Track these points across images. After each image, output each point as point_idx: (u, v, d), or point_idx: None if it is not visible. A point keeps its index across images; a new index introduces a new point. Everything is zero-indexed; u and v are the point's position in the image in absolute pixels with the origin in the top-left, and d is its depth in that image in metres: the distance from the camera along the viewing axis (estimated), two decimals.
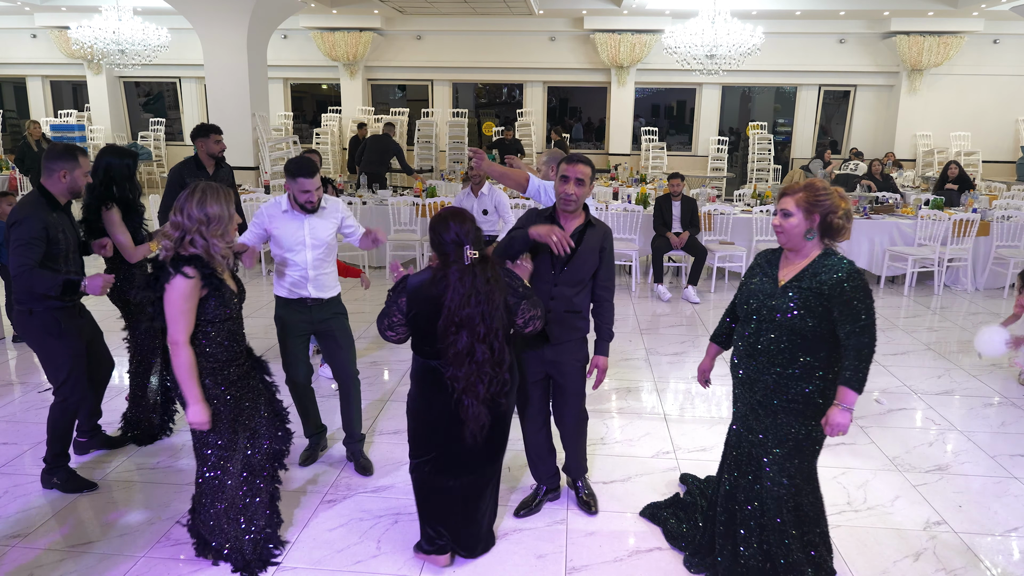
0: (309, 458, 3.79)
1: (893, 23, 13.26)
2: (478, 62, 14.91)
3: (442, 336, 2.61)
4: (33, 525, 3.16)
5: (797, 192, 2.51)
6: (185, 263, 2.53)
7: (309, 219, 3.45)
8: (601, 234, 3.10)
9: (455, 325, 2.59)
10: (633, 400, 4.71)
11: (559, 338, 3.11)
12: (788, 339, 2.50)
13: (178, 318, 2.53)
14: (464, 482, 2.84)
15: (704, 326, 6.45)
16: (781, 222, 2.53)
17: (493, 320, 2.62)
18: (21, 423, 4.19)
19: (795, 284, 2.50)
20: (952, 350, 5.86)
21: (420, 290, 2.65)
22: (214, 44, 10.24)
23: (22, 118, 16.66)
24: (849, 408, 2.42)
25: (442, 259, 2.65)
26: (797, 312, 2.47)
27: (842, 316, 2.42)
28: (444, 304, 2.59)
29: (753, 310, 2.60)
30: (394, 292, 2.71)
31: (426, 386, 2.76)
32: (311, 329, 3.60)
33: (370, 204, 8.50)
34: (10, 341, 5.69)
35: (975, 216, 7.73)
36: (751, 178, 14.40)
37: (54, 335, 3.33)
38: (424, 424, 2.81)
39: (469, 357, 2.62)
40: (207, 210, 2.57)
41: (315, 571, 2.89)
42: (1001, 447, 4.09)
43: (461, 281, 2.59)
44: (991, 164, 14.20)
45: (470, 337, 2.60)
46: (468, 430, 2.68)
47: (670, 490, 3.56)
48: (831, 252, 2.52)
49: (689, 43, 10.46)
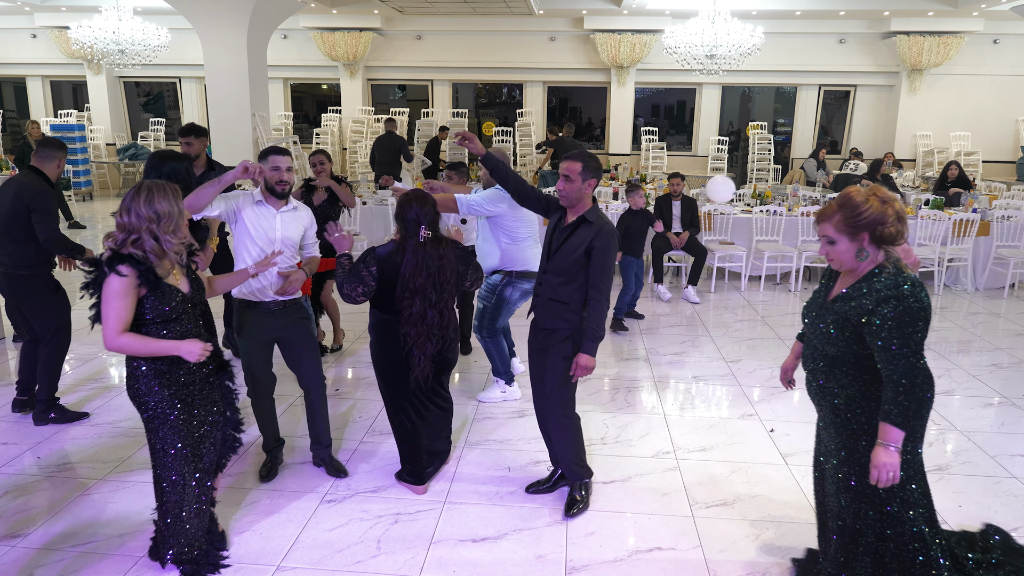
0: (270, 473, 3.57)
1: (893, 23, 13.26)
2: (478, 62, 14.92)
3: (399, 300, 3.16)
4: (33, 525, 3.16)
5: (834, 215, 2.28)
6: (120, 261, 2.48)
7: (281, 215, 3.38)
8: (593, 232, 3.09)
9: (409, 292, 3.13)
10: (633, 400, 4.71)
11: (543, 323, 3.22)
12: (829, 358, 2.37)
13: (110, 315, 2.48)
14: (427, 409, 3.44)
15: (704, 326, 6.45)
16: (827, 251, 2.32)
17: (443, 290, 3.21)
18: (21, 423, 4.19)
19: (836, 304, 2.34)
20: (952, 350, 5.86)
21: (387, 259, 3.19)
22: (214, 44, 10.24)
23: (22, 118, 16.67)
24: (892, 446, 2.16)
25: (402, 234, 3.20)
26: (835, 333, 2.31)
27: (873, 345, 2.21)
28: (400, 273, 3.13)
29: (808, 322, 2.49)
30: (363, 262, 3.20)
31: (381, 335, 3.31)
32: (274, 336, 3.45)
33: (370, 204, 8.50)
34: (10, 341, 5.69)
35: (975, 216, 7.72)
36: (751, 178, 14.40)
37: (51, 292, 4.14)
38: (384, 365, 3.35)
39: (421, 319, 3.16)
40: (156, 207, 2.50)
41: (315, 571, 2.89)
42: (1001, 447, 4.09)
43: (415, 254, 3.15)
44: (991, 164, 14.21)
45: (422, 303, 3.15)
46: (412, 376, 3.25)
47: (670, 490, 3.56)
48: (882, 269, 2.25)
49: (689, 43, 10.46)
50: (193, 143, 4.96)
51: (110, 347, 2.50)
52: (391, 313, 3.24)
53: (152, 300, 2.55)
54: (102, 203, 13.53)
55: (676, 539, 3.15)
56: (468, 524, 3.23)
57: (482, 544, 3.09)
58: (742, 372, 5.26)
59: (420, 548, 3.04)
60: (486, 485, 3.57)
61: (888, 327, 2.16)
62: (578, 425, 3.37)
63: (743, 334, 6.22)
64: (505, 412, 4.45)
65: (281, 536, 3.11)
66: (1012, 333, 6.33)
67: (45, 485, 3.51)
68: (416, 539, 3.10)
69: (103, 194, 14.53)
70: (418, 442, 3.45)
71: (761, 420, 4.41)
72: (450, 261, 3.23)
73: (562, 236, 3.17)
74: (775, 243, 7.95)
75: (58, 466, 3.70)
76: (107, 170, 15.10)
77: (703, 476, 3.70)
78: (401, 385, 3.34)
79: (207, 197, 3.18)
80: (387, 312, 3.26)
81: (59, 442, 3.96)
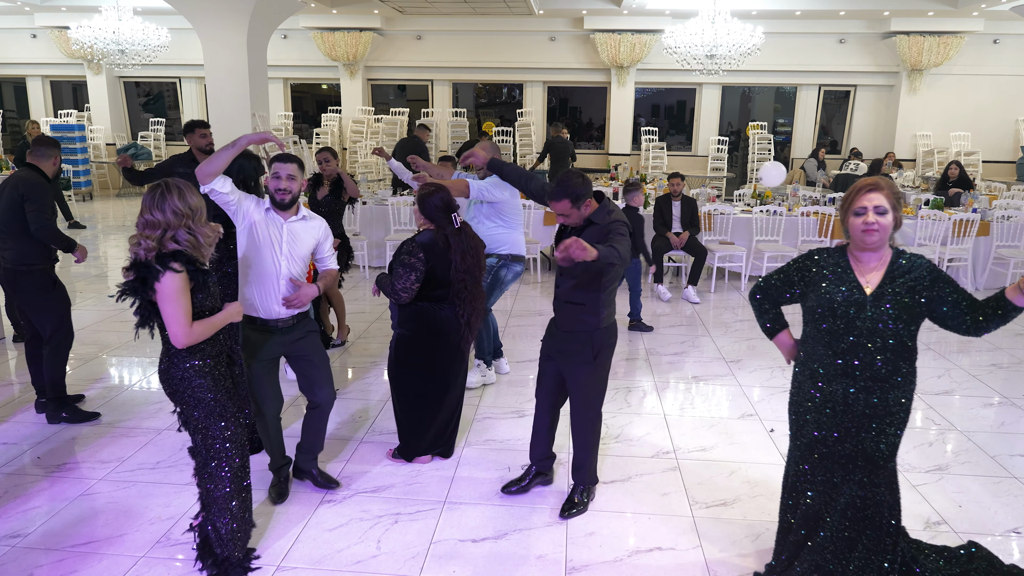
0: (281, 494, 3.37)
1: (893, 23, 13.26)
2: (478, 62, 14.91)
3: (455, 287, 3.48)
4: (33, 525, 3.16)
5: (884, 188, 2.34)
6: (171, 259, 2.50)
7: (288, 225, 3.18)
8: (600, 234, 3.00)
9: (462, 274, 3.47)
10: (633, 400, 4.71)
11: (563, 325, 3.23)
12: (891, 351, 2.35)
13: (177, 313, 2.49)
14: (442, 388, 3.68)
15: (704, 326, 6.45)
16: (878, 220, 2.31)
17: (480, 269, 3.58)
18: (21, 423, 4.19)
19: (887, 288, 2.35)
20: (952, 350, 5.86)
21: (431, 245, 3.42)
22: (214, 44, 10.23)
23: (22, 118, 16.66)
24: None
25: (437, 222, 3.45)
26: (897, 320, 2.33)
27: (953, 291, 2.32)
28: (450, 259, 3.43)
29: (843, 325, 2.39)
30: (408, 252, 3.39)
31: (422, 324, 3.55)
32: (282, 351, 3.28)
33: (370, 204, 8.50)
34: (10, 341, 5.69)
35: (975, 216, 7.72)
36: (751, 178, 14.40)
37: (49, 288, 4.15)
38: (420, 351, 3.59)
39: (473, 298, 3.53)
40: (190, 202, 2.56)
41: (315, 571, 2.89)
42: (1001, 447, 4.09)
43: (456, 240, 3.45)
44: (991, 164, 14.20)
45: (472, 284, 3.51)
46: (461, 349, 3.63)
47: (670, 490, 3.56)
48: (903, 250, 2.43)
49: (689, 43, 10.46)
50: (207, 135, 5.32)
51: (186, 342, 2.54)
52: (434, 300, 3.53)
53: (200, 295, 2.59)
54: (102, 203, 13.53)
55: (676, 539, 3.15)
56: (468, 524, 3.23)
57: (482, 544, 3.09)
58: (742, 372, 5.26)
59: (420, 548, 3.04)
60: (486, 485, 3.57)
61: (954, 285, 2.34)
62: (600, 429, 3.38)
63: (743, 334, 6.22)
64: (505, 412, 4.45)
65: (281, 536, 3.11)
66: (1012, 333, 6.33)
67: (45, 485, 3.51)
68: (416, 539, 3.10)
69: (103, 194, 14.53)
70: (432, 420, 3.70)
71: (761, 420, 4.41)
72: (478, 243, 3.62)
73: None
74: (775, 243, 7.95)
75: (58, 466, 3.70)
76: (107, 170, 15.10)
77: (703, 476, 3.70)
78: (438, 365, 3.62)
79: (221, 161, 2.99)
80: (429, 299, 3.53)
81: (59, 442, 3.96)
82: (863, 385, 2.40)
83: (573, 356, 3.20)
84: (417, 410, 3.68)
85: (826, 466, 2.51)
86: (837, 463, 2.49)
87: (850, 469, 2.47)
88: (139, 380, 4.92)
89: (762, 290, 2.71)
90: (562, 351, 3.24)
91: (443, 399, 3.70)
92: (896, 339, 2.35)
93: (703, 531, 3.21)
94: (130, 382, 4.88)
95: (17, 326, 5.74)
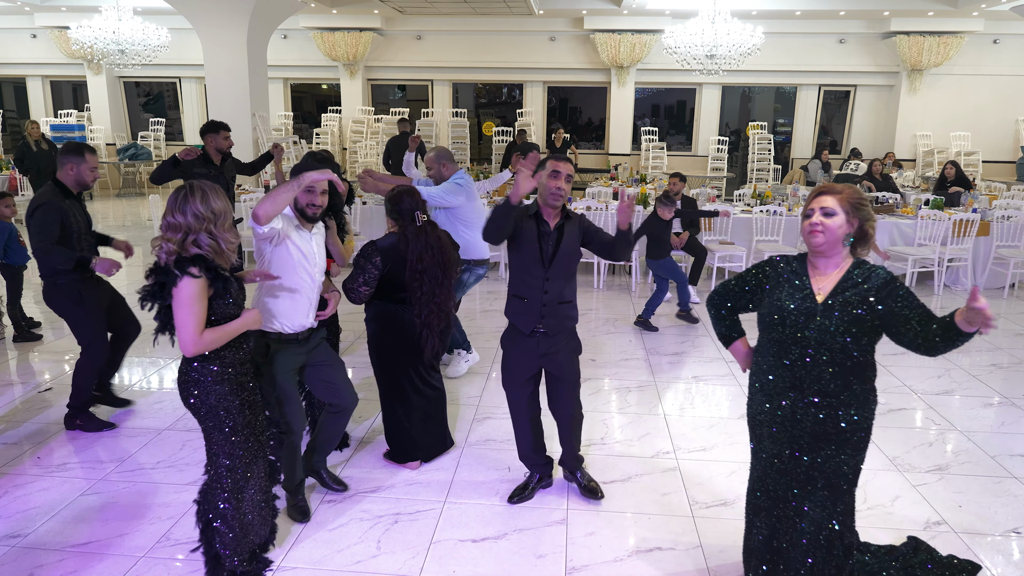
0: (305, 513, 3.25)
1: (893, 23, 13.27)
2: (478, 62, 14.92)
3: (409, 284, 3.42)
4: (33, 525, 3.16)
5: (840, 191, 2.27)
6: (190, 263, 2.44)
7: (314, 237, 3.11)
8: (576, 224, 3.20)
9: (418, 273, 3.41)
10: (633, 400, 4.71)
11: (554, 329, 3.19)
12: (838, 364, 2.25)
13: (189, 320, 2.41)
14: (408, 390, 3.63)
15: (704, 326, 6.45)
16: (822, 220, 2.25)
17: (446, 270, 3.48)
18: (21, 423, 4.19)
19: (838, 297, 2.26)
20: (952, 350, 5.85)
21: (391, 249, 3.41)
22: (214, 44, 10.24)
23: (22, 118, 16.67)
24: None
25: (400, 224, 3.46)
26: (847, 332, 2.23)
27: (905, 307, 2.20)
28: (407, 259, 3.38)
29: (793, 334, 2.29)
30: (365, 257, 3.39)
31: (384, 323, 3.54)
32: (303, 361, 3.19)
33: (370, 204, 8.50)
34: (10, 341, 5.69)
35: (975, 216, 7.72)
36: (751, 178, 14.41)
37: (76, 302, 3.98)
38: (384, 350, 3.58)
39: (430, 298, 3.44)
40: (213, 206, 2.49)
41: (315, 571, 2.89)
42: (1001, 447, 4.09)
43: (417, 239, 3.42)
44: (991, 164, 14.21)
45: (431, 283, 3.43)
46: (425, 355, 3.54)
47: (670, 490, 3.56)
48: (864, 261, 2.32)
49: (689, 43, 10.46)
50: (230, 137, 5.42)
51: (194, 351, 2.43)
52: (396, 302, 3.50)
53: (221, 301, 2.52)
54: (102, 203, 13.52)
55: (676, 539, 3.15)
56: (468, 524, 3.23)
57: (482, 544, 3.09)
58: (742, 372, 5.25)
59: (420, 548, 3.05)
60: (486, 485, 3.58)
61: (907, 301, 2.22)
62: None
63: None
64: (505, 412, 4.44)
65: (281, 536, 3.10)
66: (1012, 333, 6.34)
67: (45, 485, 3.51)
68: (416, 539, 3.10)
69: (103, 194, 14.53)
70: (409, 421, 3.68)
71: None
72: (447, 243, 3.56)
73: (551, 241, 3.13)
74: (775, 243, 7.95)
75: (58, 466, 3.70)
76: (107, 170, 15.09)
77: (703, 476, 3.70)
78: (402, 367, 3.59)
79: (282, 202, 2.73)
80: (392, 301, 3.51)
81: (59, 442, 3.96)
82: (812, 400, 2.29)
83: (563, 352, 3.22)
84: (392, 412, 3.69)
85: (785, 483, 2.40)
86: (795, 480, 2.38)
87: (809, 491, 2.37)
88: (139, 380, 4.92)
89: (720, 296, 2.61)
90: (550, 353, 3.20)
91: (409, 401, 3.64)
92: (845, 352, 2.24)
93: (703, 531, 3.21)
94: (130, 382, 4.88)
95: (18, 326, 5.74)
